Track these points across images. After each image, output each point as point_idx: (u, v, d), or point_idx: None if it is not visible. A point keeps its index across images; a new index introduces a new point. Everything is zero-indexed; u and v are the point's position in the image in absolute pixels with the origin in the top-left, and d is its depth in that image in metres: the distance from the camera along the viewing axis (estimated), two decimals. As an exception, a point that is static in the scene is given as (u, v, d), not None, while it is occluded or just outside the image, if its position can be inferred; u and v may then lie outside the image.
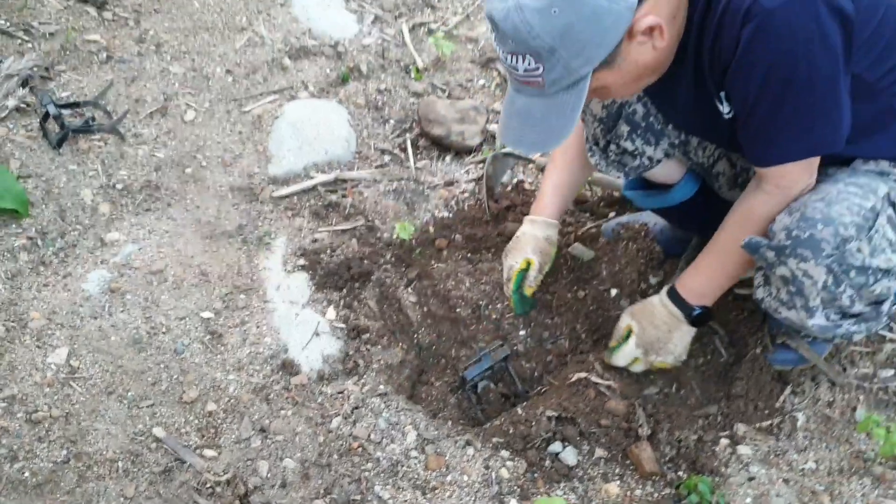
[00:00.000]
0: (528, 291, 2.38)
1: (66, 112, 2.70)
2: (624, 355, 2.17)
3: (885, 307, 1.84)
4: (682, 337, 2.12)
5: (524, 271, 2.35)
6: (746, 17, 1.55)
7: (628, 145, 2.14)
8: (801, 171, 1.78)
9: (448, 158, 2.94)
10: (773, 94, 1.63)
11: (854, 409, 2.13)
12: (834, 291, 1.75)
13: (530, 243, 2.35)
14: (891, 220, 1.78)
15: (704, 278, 2.04)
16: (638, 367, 2.20)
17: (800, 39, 1.55)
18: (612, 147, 2.16)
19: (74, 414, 2.04)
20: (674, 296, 2.07)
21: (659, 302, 2.11)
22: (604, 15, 1.52)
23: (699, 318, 2.07)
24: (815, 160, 1.78)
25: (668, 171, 2.26)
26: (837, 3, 1.54)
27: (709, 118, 1.83)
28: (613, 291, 2.40)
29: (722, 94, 1.74)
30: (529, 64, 1.58)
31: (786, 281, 1.80)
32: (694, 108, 1.87)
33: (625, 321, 2.18)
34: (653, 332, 2.12)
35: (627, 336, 2.16)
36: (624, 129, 2.12)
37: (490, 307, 2.47)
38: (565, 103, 1.65)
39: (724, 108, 1.76)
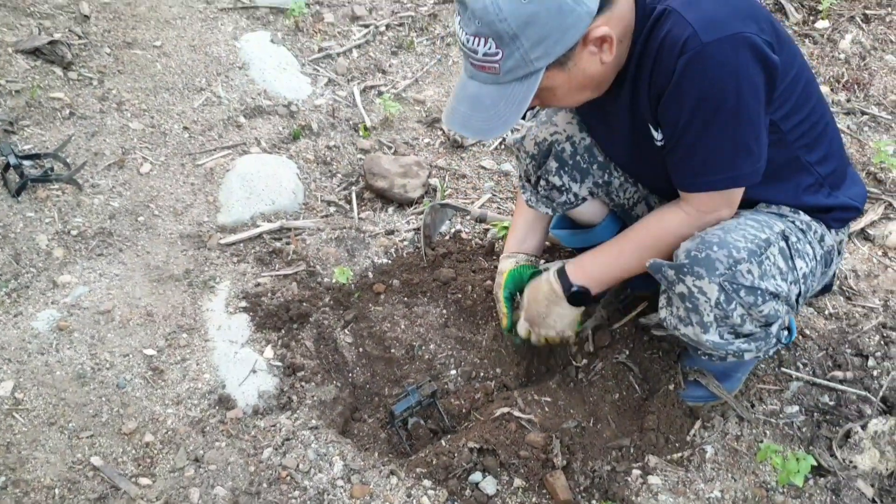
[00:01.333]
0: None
1: (26, 163, 2.85)
2: (520, 326, 2.33)
3: (774, 329, 1.95)
4: (561, 313, 2.22)
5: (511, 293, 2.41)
6: (683, 47, 1.68)
7: (556, 181, 2.29)
8: (722, 201, 1.92)
9: (390, 210, 3.10)
10: (701, 122, 1.75)
11: (760, 443, 2.25)
12: (725, 308, 1.86)
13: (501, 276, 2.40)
14: (782, 251, 1.92)
15: (598, 261, 2.15)
16: (534, 339, 2.33)
17: (730, 76, 1.68)
18: (542, 182, 2.32)
19: (15, 443, 2.13)
20: (562, 273, 2.17)
21: (545, 280, 2.22)
22: (568, 13, 1.63)
23: (576, 296, 2.16)
24: (736, 192, 1.92)
25: (592, 211, 2.43)
26: (763, 50, 1.69)
27: (642, 145, 1.96)
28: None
29: (656, 121, 1.87)
30: (490, 48, 1.66)
31: (683, 298, 1.91)
32: (629, 135, 2.00)
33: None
34: (534, 306, 2.26)
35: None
36: (553, 164, 2.28)
37: (423, 348, 2.60)
38: (516, 93, 1.73)
39: (657, 136, 1.89)
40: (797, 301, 1.99)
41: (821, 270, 2.08)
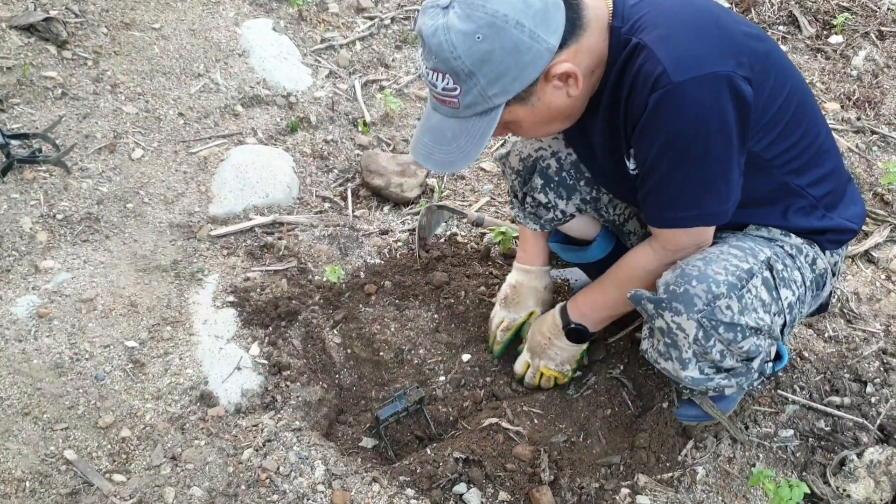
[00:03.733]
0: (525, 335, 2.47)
1: (14, 142, 2.78)
2: (519, 361, 2.41)
3: (756, 364, 1.92)
4: (562, 348, 2.29)
5: (525, 322, 2.45)
6: (655, 84, 1.65)
7: (542, 198, 2.26)
8: (689, 238, 1.89)
9: (386, 209, 3.03)
10: (669, 162, 1.73)
11: (753, 466, 2.20)
12: (704, 345, 1.83)
13: (532, 296, 2.44)
14: (766, 282, 1.87)
15: (589, 302, 2.21)
16: (529, 373, 2.38)
17: (699, 117, 1.65)
18: (529, 199, 2.29)
19: (-13, 433, 2.07)
20: (563, 309, 2.25)
21: (550, 315, 2.30)
22: (524, 51, 1.61)
23: (574, 332, 2.24)
24: (705, 231, 1.89)
25: (584, 227, 2.38)
26: (738, 87, 1.65)
27: (619, 170, 1.92)
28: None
29: (631, 150, 1.84)
30: (448, 83, 1.65)
31: (663, 333, 1.88)
32: (607, 159, 1.97)
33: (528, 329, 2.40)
34: (537, 338, 2.32)
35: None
36: (538, 181, 2.24)
37: (413, 352, 2.54)
38: (476, 128, 1.72)
39: (631, 165, 1.86)
40: (782, 331, 1.95)
41: (812, 294, 2.04)
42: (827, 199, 1.99)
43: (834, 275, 2.12)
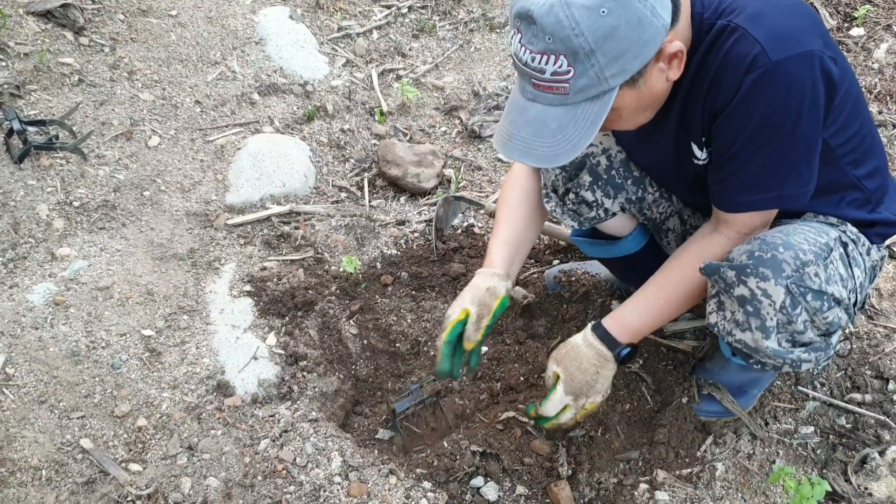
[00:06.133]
0: (466, 346, 2.07)
1: (31, 129, 2.77)
2: (553, 404, 1.99)
3: (834, 339, 1.86)
4: (608, 376, 1.98)
5: (462, 323, 2.05)
6: (753, 64, 1.58)
7: (588, 195, 2.14)
8: (761, 220, 1.84)
9: (402, 199, 3.01)
10: (759, 141, 1.67)
11: (773, 463, 2.18)
12: (790, 313, 1.75)
13: (469, 293, 2.08)
14: (842, 257, 1.83)
15: (641, 314, 1.95)
16: (568, 415, 2.00)
17: (795, 95, 1.60)
18: (571, 196, 2.16)
19: (3, 420, 2.06)
20: (601, 333, 1.95)
21: (583, 342, 1.97)
22: (647, 26, 1.51)
23: (627, 357, 1.96)
24: (773, 213, 1.84)
25: (620, 225, 2.29)
26: (828, 67, 1.60)
27: (682, 163, 1.87)
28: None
29: (703, 138, 1.78)
30: (561, 66, 1.53)
31: (743, 301, 1.78)
32: (672, 151, 1.90)
33: (551, 368, 2.02)
34: (580, 376, 1.96)
35: (555, 384, 2.00)
36: (586, 179, 2.13)
37: (429, 344, 2.53)
38: (586, 115, 1.60)
39: (701, 154, 1.81)
40: (854, 311, 1.89)
41: (866, 285, 1.98)
42: (877, 193, 1.95)
43: (880, 269, 2.07)
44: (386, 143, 3.08)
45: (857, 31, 3.78)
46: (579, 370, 1.96)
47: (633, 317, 1.95)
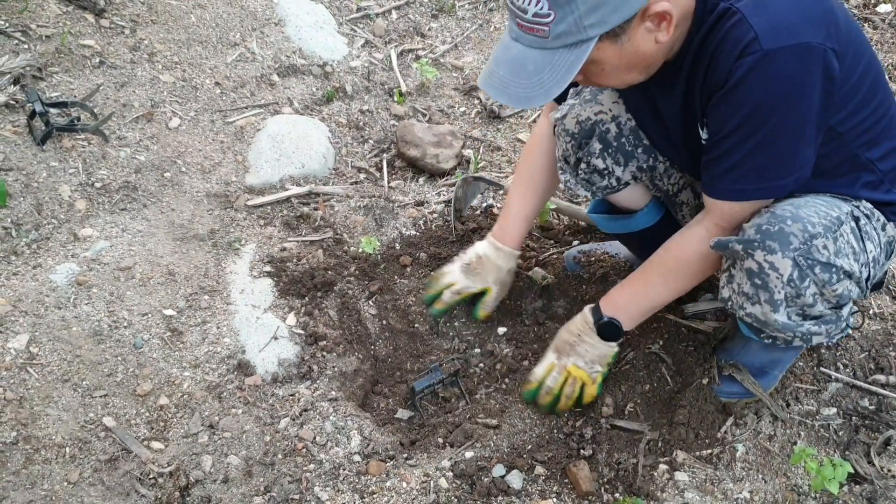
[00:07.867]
0: (481, 315, 2.44)
1: (53, 111, 2.78)
2: (541, 365, 2.22)
3: (845, 312, 1.85)
4: (593, 345, 2.15)
5: (479, 295, 2.41)
6: (745, 50, 1.58)
7: (598, 163, 2.16)
8: (745, 212, 1.83)
9: (421, 180, 3.01)
10: (743, 133, 1.67)
11: (794, 444, 2.16)
12: (798, 286, 1.75)
13: (493, 273, 2.38)
14: (854, 231, 1.82)
15: (626, 295, 2.11)
16: (553, 375, 2.19)
17: (785, 89, 1.59)
18: (583, 165, 2.18)
19: (28, 398, 2.09)
20: (595, 306, 2.14)
21: (580, 313, 2.18)
22: None
23: (606, 328, 2.11)
24: (761, 205, 1.83)
25: (633, 197, 2.30)
26: (828, 62, 1.59)
27: (690, 139, 1.87)
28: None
29: (703, 118, 1.77)
30: (542, 7, 1.54)
31: (751, 274, 1.79)
32: (681, 132, 1.91)
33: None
34: (565, 335, 2.19)
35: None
36: (596, 146, 2.14)
37: (448, 324, 2.53)
38: (562, 62, 1.61)
39: (704, 135, 1.80)
40: (866, 285, 1.88)
41: (882, 261, 1.97)
42: (892, 174, 1.92)
43: (893, 250, 2.05)
44: (405, 124, 3.07)
45: (884, 8, 3.72)
46: (566, 331, 2.21)
47: (617, 295, 2.13)
